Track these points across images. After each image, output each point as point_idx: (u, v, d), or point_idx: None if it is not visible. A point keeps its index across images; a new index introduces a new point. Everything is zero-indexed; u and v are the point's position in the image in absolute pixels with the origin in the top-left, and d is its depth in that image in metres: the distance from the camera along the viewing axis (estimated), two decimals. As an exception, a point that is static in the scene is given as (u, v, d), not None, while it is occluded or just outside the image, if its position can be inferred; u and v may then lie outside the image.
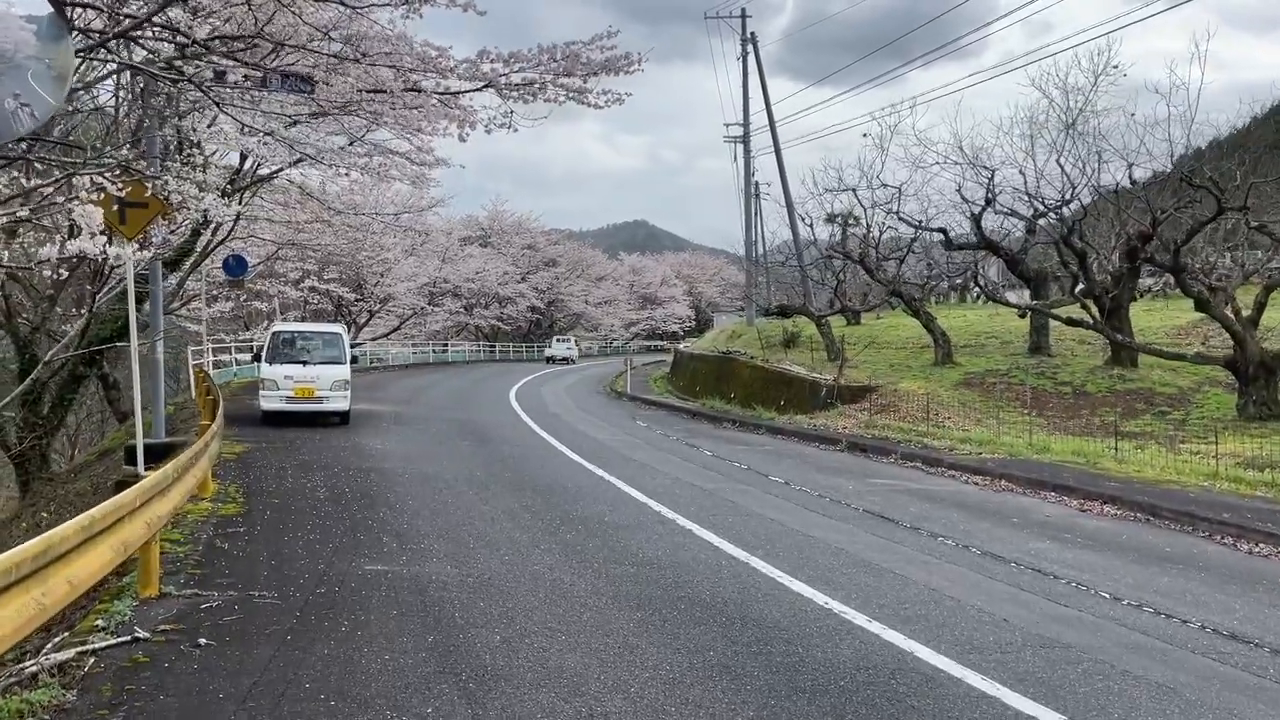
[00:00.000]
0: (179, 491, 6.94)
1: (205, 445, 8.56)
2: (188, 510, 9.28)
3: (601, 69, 9.23)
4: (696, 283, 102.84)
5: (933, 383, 24.41)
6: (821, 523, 10.96)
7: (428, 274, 50.97)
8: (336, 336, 20.14)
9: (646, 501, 11.60)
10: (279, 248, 33.30)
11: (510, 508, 10.70)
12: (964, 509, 12.28)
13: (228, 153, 23.45)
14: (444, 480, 12.54)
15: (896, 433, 20.06)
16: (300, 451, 14.72)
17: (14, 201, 8.48)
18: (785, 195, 37.62)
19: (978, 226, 25.98)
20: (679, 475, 14.30)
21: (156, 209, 11.55)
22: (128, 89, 15.30)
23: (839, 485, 13.97)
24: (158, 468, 8.08)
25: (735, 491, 12.98)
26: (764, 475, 14.84)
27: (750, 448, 18.85)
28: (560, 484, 12.74)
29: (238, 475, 12.03)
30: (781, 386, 26.58)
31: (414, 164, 24.40)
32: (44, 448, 20.80)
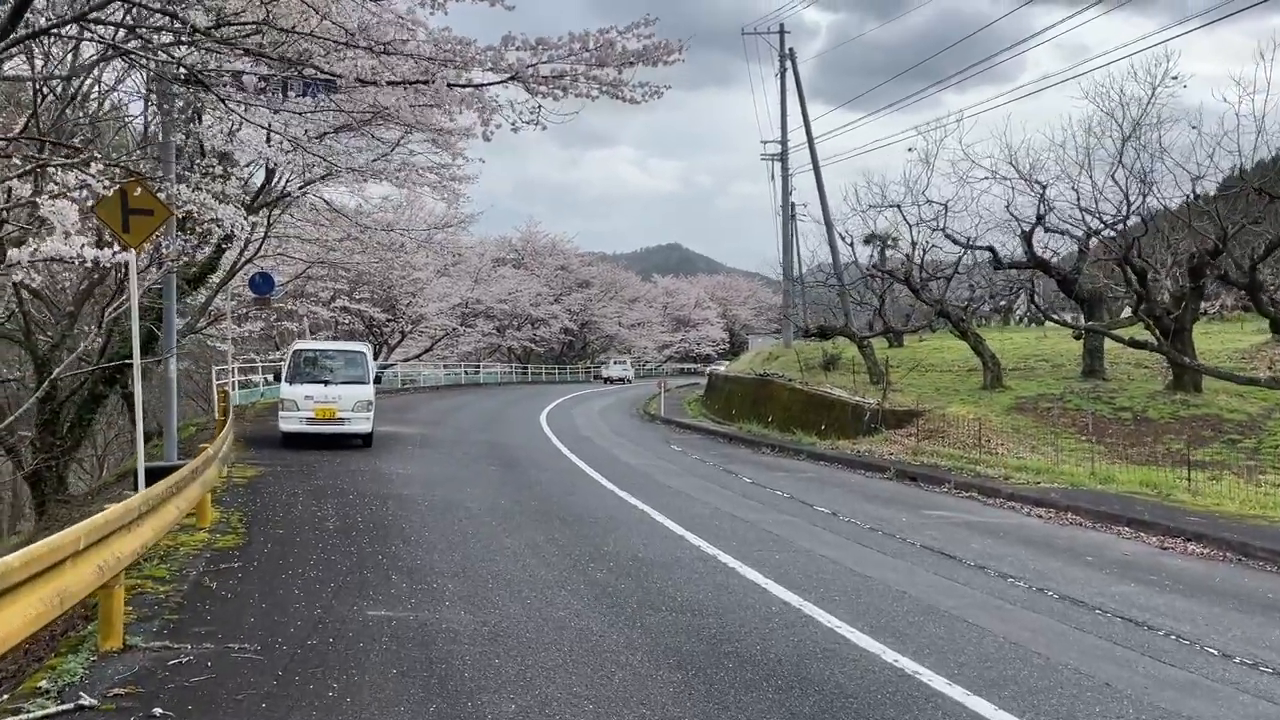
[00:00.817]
0: (153, 525, 6.09)
1: (193, 472, 7.73)
2: (180, 542, 8.47)
3: (638, 59, 8.36)
4: (731, 305, 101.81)
5: (982, 407, 23.24)
6: (876, 560, 9.95)
7: (460, 295, 50.39)
8: (360, 355, 19.37)
9: (684, 534, 10.64)
10: (309, 266, 32.80)
11: (535, 541, 9.78)
12: (1031, 545, 11.21)
13: (256, 171, 23.00)
14: (466, 509, 11.65)
15: (946, 460, 18.96)
16: (315, 476, 13.91)
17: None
18: (824, 213, 36.64)
19: (1028, 245, 24.86)
20: (717, 504, 13.33)
21: (163, 217, 10.80)
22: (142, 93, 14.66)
23: (890, 517, 12.93)
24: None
25: (779, 523, 11.99)
26: (808, 505, 13.83)
27: (791, 474, 17.83)
28: (590, 514, 11.82)
29: (244, 502, 11.22)
30: (822, 410, 25.53)
31: (443, 179, 23.87)
32: (60, 468, 20.16)
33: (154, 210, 10.73)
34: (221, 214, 14.50)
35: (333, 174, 22.61)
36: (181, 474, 7.28)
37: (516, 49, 8.19)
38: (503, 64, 8.48)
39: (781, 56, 37.74)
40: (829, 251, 36.05)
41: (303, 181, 23.14)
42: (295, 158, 16.68)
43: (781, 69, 37.67)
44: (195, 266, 21.78)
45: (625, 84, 8.62)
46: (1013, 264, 26.53)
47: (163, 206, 10.82)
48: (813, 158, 36.99)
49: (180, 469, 7.56)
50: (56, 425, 19.93)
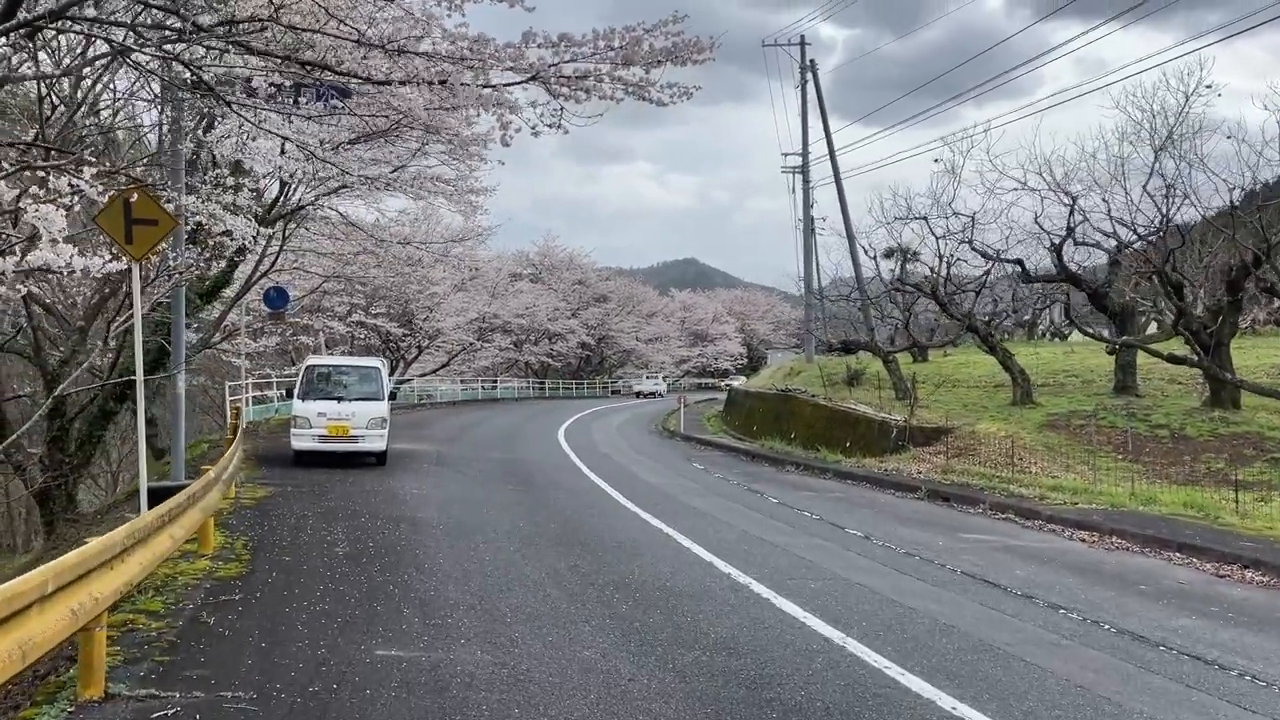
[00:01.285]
0: (142, 559, 5.58)
1: (190, 498, 7.22)
2: (180, 571, 7.97)
3: (666, 57, 7.85)
4: (749, 320, 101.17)
5: (1013, 424, 22.57)
6: (917, 589, 9.36)
7: (477, 309, 50.00)
8: (374, 371, 18.89)
9: (713, 561, 10.08)
10: (324, 280, 32.46)
11: (556, 569, 9.24)
12: (1078, 572, 10.59)
13: (271, 184, 22.66)
14: (483, 533, 11.13)
15: (978, 479, 18.34)
16: (327, 497, 13.41)
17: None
18: (846, 226, 36.09)
19: (1058, 257, 24.22)
20: (744, 527, 12.76)
21: (168, 227, 10.37)
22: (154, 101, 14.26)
23: (926, 541, 12.34)
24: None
25: (810, 548, 11.42)
26: (839, 528, 13.25)
27: (818, 494, 17.25)
28: (614, 538, 11.27)
29: (251, 525, 10.73)
30: (847, 427, 24.92)
31: (460, 190, 23.46)
32: (69, 486, 19.76)
33: (158, 220, 10.30)
34: (233, 225, 14.11)
35: (348, 186, 22.25)
36: (177, 500, 6.77)
37: (538, 46, 7.69)
38: (523, 63, 7.98)
39: (802, 68, 37.30)
40: (849, 265, 35.49)
41: (317, 194, 22.78)
42: (309, 167, 16.25)
43: (803, 81, 37.24)
44: (208, 280, 21.43)
45: (652, 84, 8.10)
46: (1042, 277, 25.90)
47: (167, 216, 10.39)
48: (834, 170, 36.51)
49: (179, 493, 7.06)
50: (65, 442, 19.55)
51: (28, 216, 5.48)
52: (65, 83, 12.61)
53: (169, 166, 13.49)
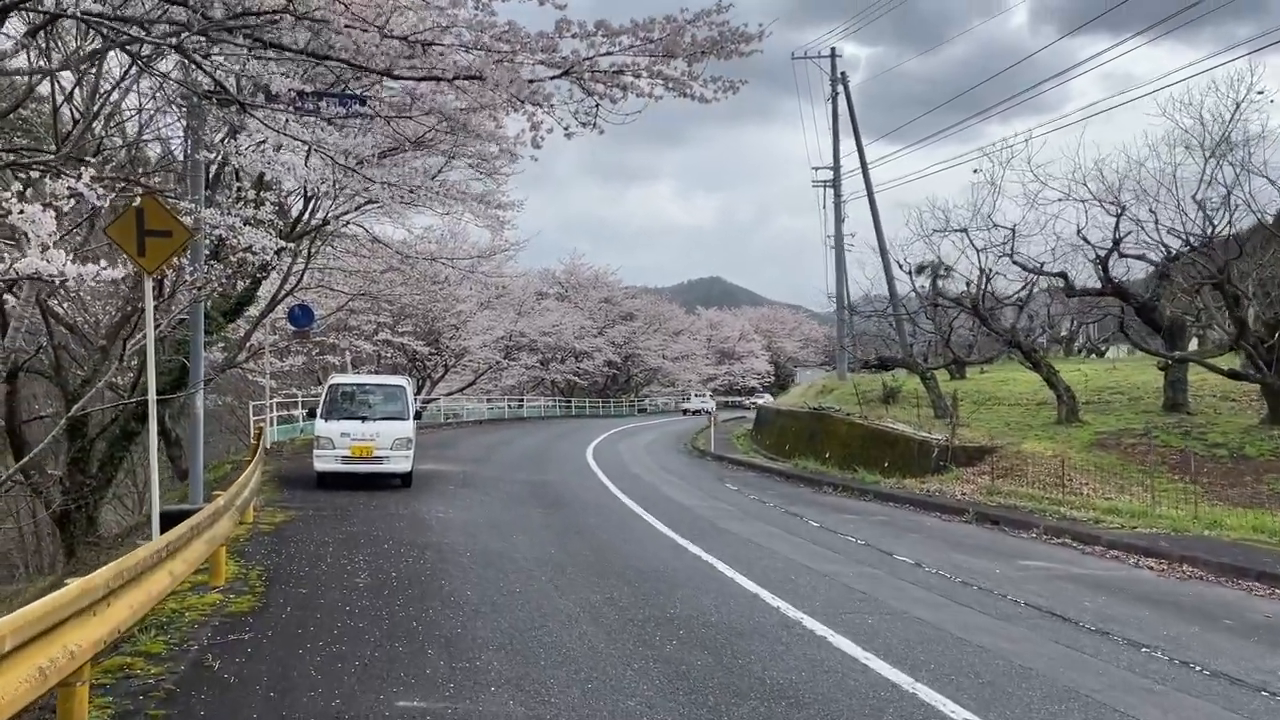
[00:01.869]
0: (132, 601, 4.96)
1: (193, 529, 6.60)
2: (187, 606, 7.38)
3: (711, 48, 7.24)
4: (775, 337, 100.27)
5: (1060, 443, 21.71)
6: (982, 624, 8.62)
7: (504, 327, 49.55)
8: (400, 390, 18.32)
9: (758, 592, 9.38)
10: (350, 298, 32.08)
11: (592, 602, 8.57)
12: (1153, 604, 9.81)
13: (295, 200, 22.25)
14: (512, 560, 10.48)
15: (1026, 500, 17.55)
16: (349, 521, 12.82)
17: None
18: (879, 239, 35.32)
19: (1104, 270, 23.39)
20: (788, 554, 12.05)
21: (183, 238, 9.86)
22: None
23: (982, 568, 11.58)
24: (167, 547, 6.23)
25: (861, 577, 10.69)
26: (888, 554, 12.51)
27: (861, 517, 16.50)
28: (651, 566, 10.59)
29: (268, 553, 10.14)
30: (885, 446, 24.12)
31: (488, 206, 22.97)
32: (90, 508, 19.30)
33: (172, 231, 9.80)
34: (253, 240, 13.62)
35: (373, 201, 21.80)
36: (179, 532, 6.16)
37: (572, 36, 7.10)
38: (555, 57, 7.40)
39: (833, 80, 36.66)
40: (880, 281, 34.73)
41: (342, 210, 22.35)
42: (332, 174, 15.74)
43: (833, 94, 36.60)
44: (231, 298, 21.00)
45: (695, 78, 7.50)
46: (1087, 291, 25.04)
47: (182, 227, 9.89)
48: (867, 183, 35.80)
49: (183, 523, 6.46)
50: (86, 463, 19.11)
51: (12, 218, 4.93)
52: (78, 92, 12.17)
53: (189, 176, 13.02)
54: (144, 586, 5.14)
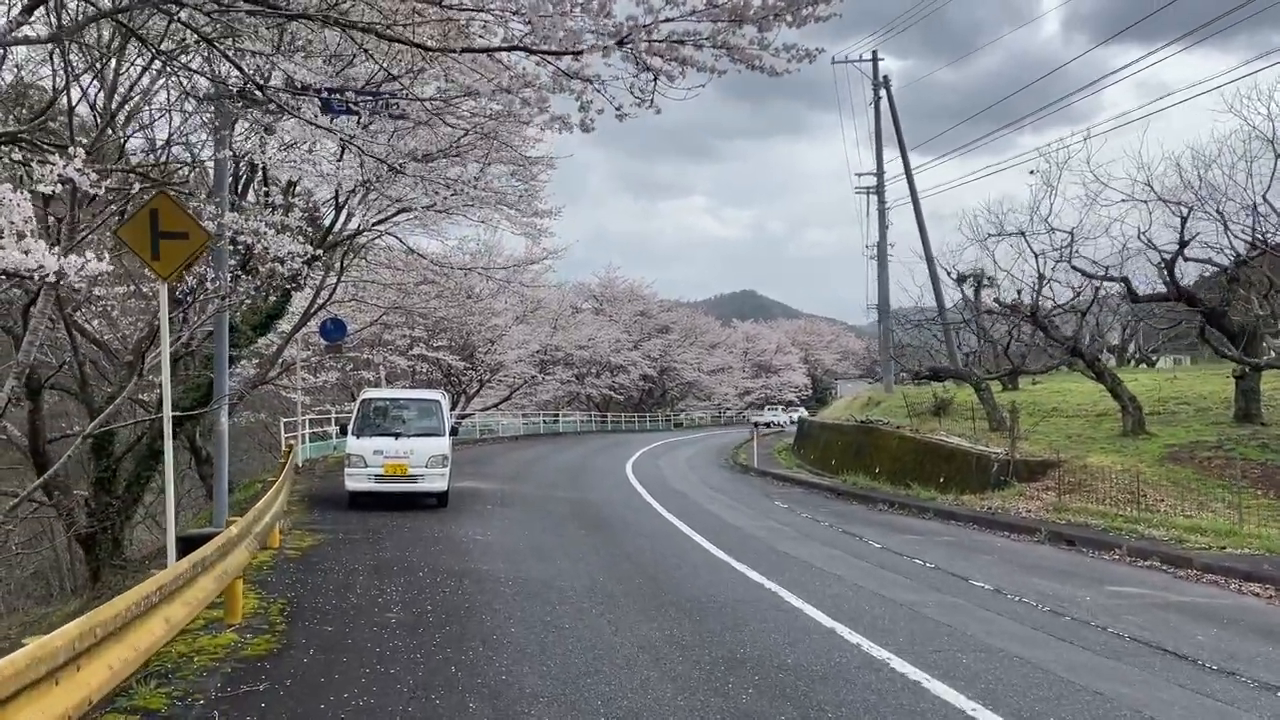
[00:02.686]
0: (106, 665, 4.02)
1: (195, 568, 5.69)
2: (198, 648, 6.55)
3: (790, 5, 6.33)
4: (813, 350, 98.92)
5: (1128, 457, 20.51)
6: (1089, 663, 7.61)
7: (539, 341, 48.85)
8: (435, 404, 17.48)
9: (833, 627, 8.42)
10: (384, 312, 31.47)
11: (650, 640, 7.65)
12: (1274, 639, 8.74)
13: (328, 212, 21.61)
14: (558, 590, 9.58)
15: (1098, 518, 16.42)
16: (381, 546, 11.97)
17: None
18: (925, 247, 34.18)
19: (1170, 274, 22.19)
20: (855, 580, 11.06)
21: (200, 241, 9.10)
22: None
23: (1070, 596, 10.54)
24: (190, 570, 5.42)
25: (940, 607, 9.69)
26: (962, 579, 11.49)
27: (924, 538, 15.46)
28: (710, 596, 9.65)
29: (292, 584, 9.31)
30: (939, 461, 23.03)
31: (524, 214, 22.22)
32: (116, 530, 18.64)
33: (189, 233, 9.03)
34: (281, 246, 12.89)
35: (407, 210, 21.13)
36: (178, 570, 5.28)
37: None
38: (607, 26, 6.54)
39: (875, 85, 35.67)
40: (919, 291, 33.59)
41: (375, 219, 21.69)
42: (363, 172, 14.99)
43: (875, 98, 35.58)
44: (261, 312, 20.36)
45: (767, 47, 6.59)
46: (1151, 297, 23.82)
47: (200, 229, 9.13)
48: (911, 188, 34.69)
49: (184, 560, 5.59)
50: (113, 483, 18.46)
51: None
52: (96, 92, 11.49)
53: (214, 177, 12.32)
54: (129, 640, 4.27)
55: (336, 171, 14.71)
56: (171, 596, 5.05)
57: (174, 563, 8.29)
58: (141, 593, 4.49)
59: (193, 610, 5.38)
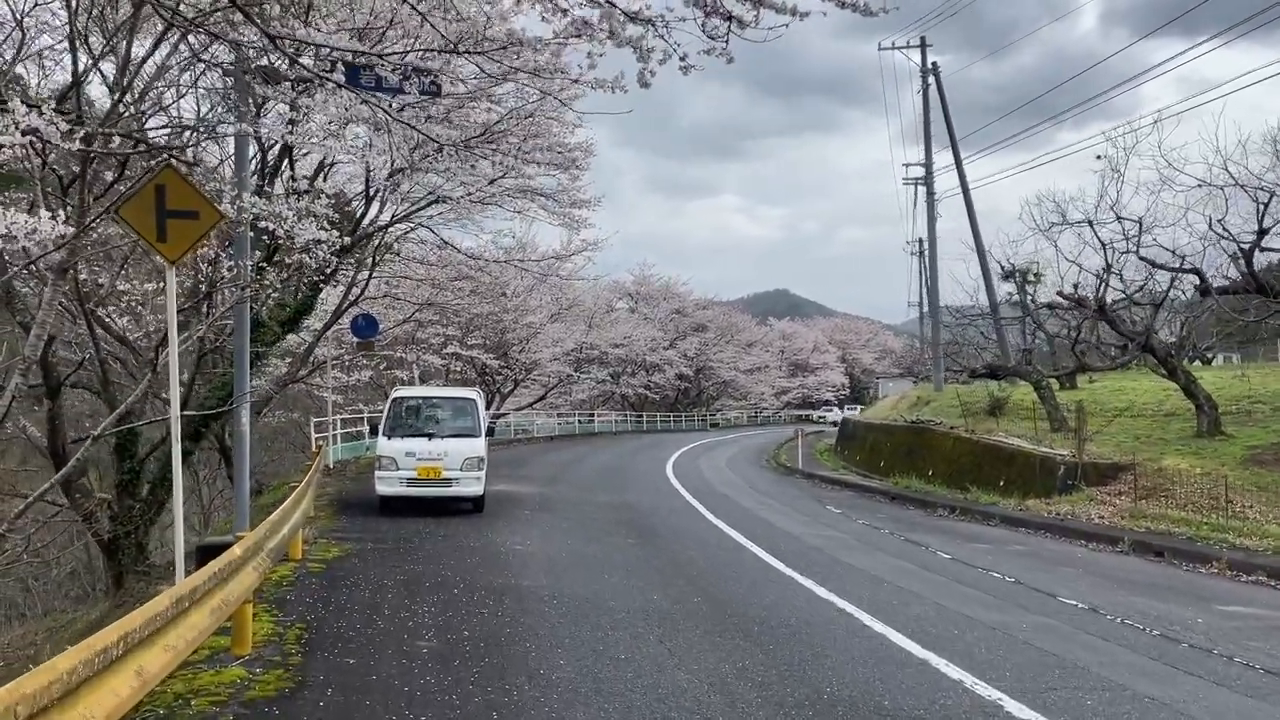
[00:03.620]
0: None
1: (177, 604, 4.56)
2: (199, 687, 5.61)
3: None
4: (850, 349, 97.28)
5: (1207, 460, 19.20)
6: (1237, 706, 6.52)
7: (574, 339, 47.95)
8: (470, 403, 16.49)
9: (926, 658, 7.34)
10: (417, 309, 30.66)
11: (719, 674, 6.62)
12: None
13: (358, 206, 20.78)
14: (608, 611, 8.56)
15: (1181, 526, 15.21)
16: (413, 557, 11.01)
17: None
18: (976, 239, 32.84)
19: (1248, 264, 20.85)
20: (934, 598, 9.97)
21: (211, 221, 8.18)
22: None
23: (1178, 617, 9.40)
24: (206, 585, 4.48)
25: (1036, 631, 8.59)
26: (1049, 595, 10.38)
27: (995, 547, 14.33)
28: (778, 617, 8.60)
29: (313, 603, 8.36)
30: (999, 463, 21.83)
31: (563, 205, 21.26)
32: (140, 535, 17.85)
33: (199, 212, 8.12)
34: (303, 232, 11.98)
35: (441, 200, 20.23)
36: (156, 609, 4.26)
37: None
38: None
39: (924, 72, 34.38)
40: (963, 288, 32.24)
41: (406, 211, 20.82)
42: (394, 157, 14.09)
43: (924, 85, 34.29)
44: (289, 307, 19.54)
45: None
46: (1225, 289, 22.42)
47: (211, 208, 8.20)
48: (961, 178, 33.37)
49: (163, 595, 4.58)
50: (136, 486, 17.69)
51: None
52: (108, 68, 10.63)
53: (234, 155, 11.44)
54: (79, 708, 3.29)
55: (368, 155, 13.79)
56: (144, 644, 4.05)
57: (181, 579, 7.37)
58: (97, 646, 3.51)
59: (177, 655, 4.41)
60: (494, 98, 17.08)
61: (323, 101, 11.14)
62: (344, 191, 20.09)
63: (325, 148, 12.12)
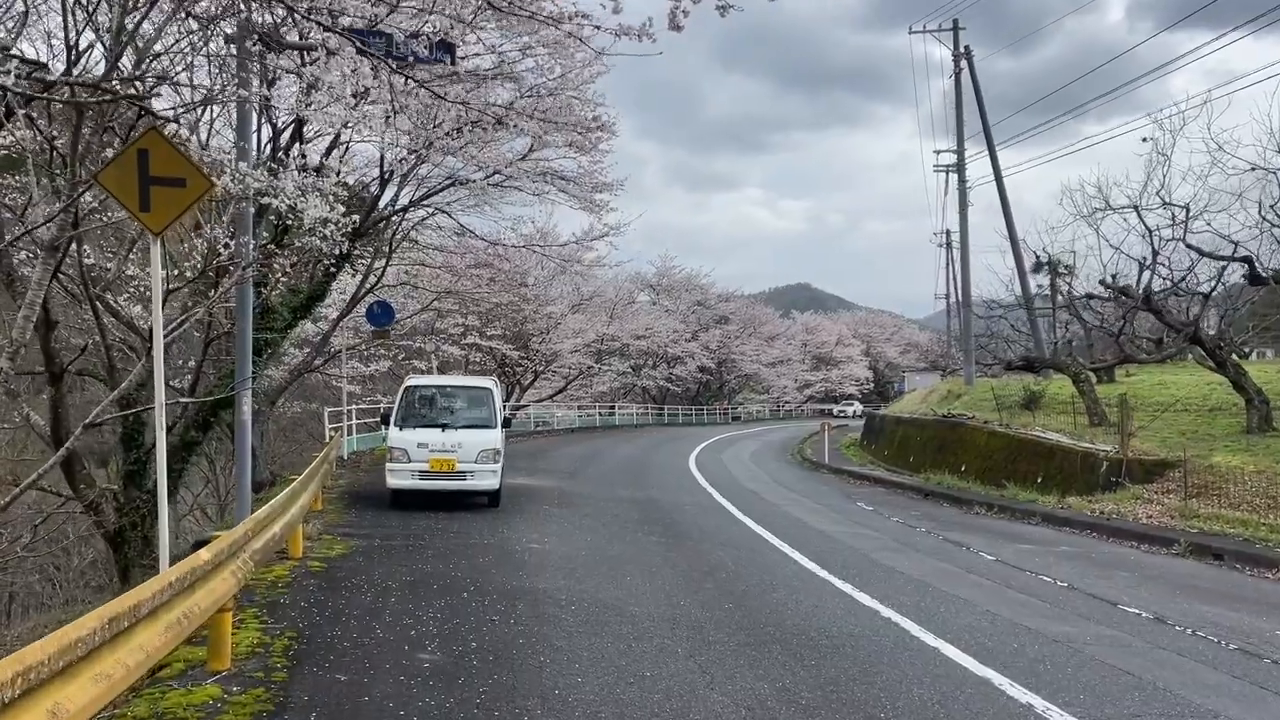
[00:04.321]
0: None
1: (110, 626, 3.79)
2: (164, 709, 4.89)
3: None
4: (874, 342, 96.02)
5: (1260, 457, 18.23)
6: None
7: (595, 331, 47.23)
8: (486, 393, 15.74)
9: (987, 676, 6.55)
10: (436, 296, 30.03)
11: (759, 697, 5.85)
12: None
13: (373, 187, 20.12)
14: (631, 619, 7.80)
15: (1237, 527, 14.34)
16: (421, 556, 10.27)
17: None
18: (1009, 228, 31.82)
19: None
20: (984, 604, 9.17)
21: (201, 189, 7.48)
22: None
23: (1253, 628, 8.59)
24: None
25: (1104, 644, 7.79)
26: (1109, 603, 9.56)
27: (1042, 548, 13.48)
28: (818, 628, 7.82)
29: (307, 607, 7.62)
30: (1037, 459, 20.95)
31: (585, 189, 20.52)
32: (146, 528, 17.26)
33: (187, 179, 7.42)
34: (308, 209, 11.27)
35: (459, 182, 19.54)
36: (79, 633, 3.51)
37: None
38: None
39: (956, 56, 33.35)
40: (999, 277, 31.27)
41: (422, 193, 20.14)
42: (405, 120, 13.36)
43: (956, 70, 33.25)
44: (301, 293, 18.90)
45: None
46: (1262, 279, 21.41)
47: (199, 174, 7.50)
48: (994, 165, 32.35)
49: (93, 615, 3.80)
50: (142, 478, 17.10)
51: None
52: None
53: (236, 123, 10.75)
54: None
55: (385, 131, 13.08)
56: (68, 674, 3.31)
57: (165, 567, 6.66)
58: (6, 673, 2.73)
59: (114, 686, 3.65)
60: (514, 75, 16.38)
61: (330, 68, 10.43)
62: (360, 181, 19.44)
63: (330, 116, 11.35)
